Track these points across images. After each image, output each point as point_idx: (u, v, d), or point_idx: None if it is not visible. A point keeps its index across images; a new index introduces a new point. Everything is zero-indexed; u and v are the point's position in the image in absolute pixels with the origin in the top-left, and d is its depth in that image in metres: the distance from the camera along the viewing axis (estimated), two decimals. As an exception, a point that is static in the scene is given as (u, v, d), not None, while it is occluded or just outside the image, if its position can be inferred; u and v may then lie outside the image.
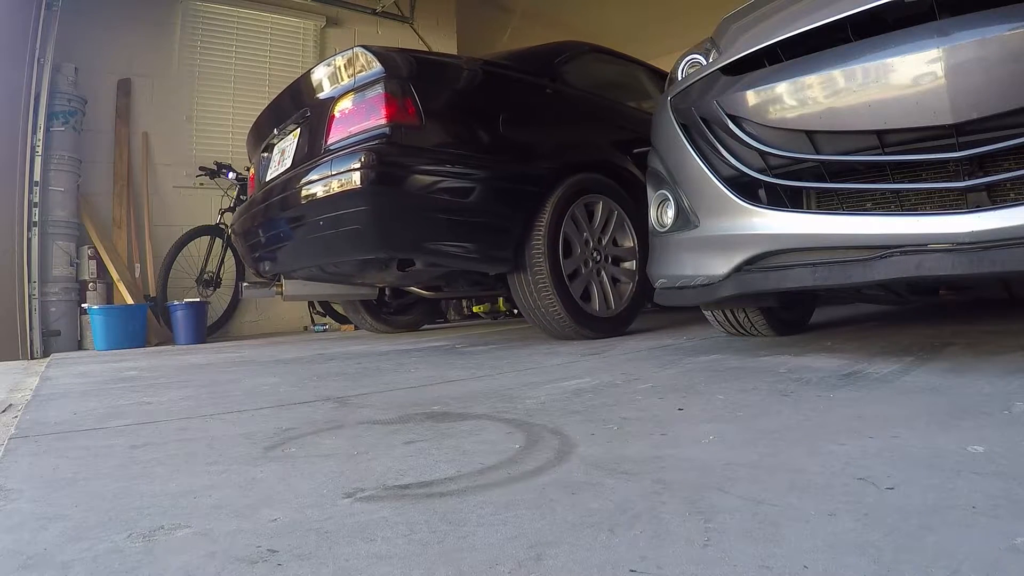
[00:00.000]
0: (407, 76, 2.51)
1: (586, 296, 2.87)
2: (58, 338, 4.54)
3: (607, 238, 2.99)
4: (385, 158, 2.37)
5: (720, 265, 1.80)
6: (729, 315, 2.42)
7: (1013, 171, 1.39)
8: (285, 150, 2.98)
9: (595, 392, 1.55)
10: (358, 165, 2.36)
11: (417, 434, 1.21)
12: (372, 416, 1.40)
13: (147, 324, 4.71)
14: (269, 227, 2.89)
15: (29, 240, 4.41)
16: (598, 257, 2.95)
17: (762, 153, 1.70)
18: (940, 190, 1.50)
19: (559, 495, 0.82)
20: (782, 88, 1.63)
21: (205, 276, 5.03)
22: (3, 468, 1.12)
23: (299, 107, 2.91)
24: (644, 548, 0.65)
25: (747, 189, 1.77)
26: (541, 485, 0.87)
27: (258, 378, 2.21)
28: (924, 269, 1.43)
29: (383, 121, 2.42)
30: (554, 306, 2.72)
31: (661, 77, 3.94)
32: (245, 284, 3.92)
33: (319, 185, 2.50)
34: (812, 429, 1.09)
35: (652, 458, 0.97)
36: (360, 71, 2.56)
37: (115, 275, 4.80)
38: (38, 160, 4.45)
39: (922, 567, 0.58)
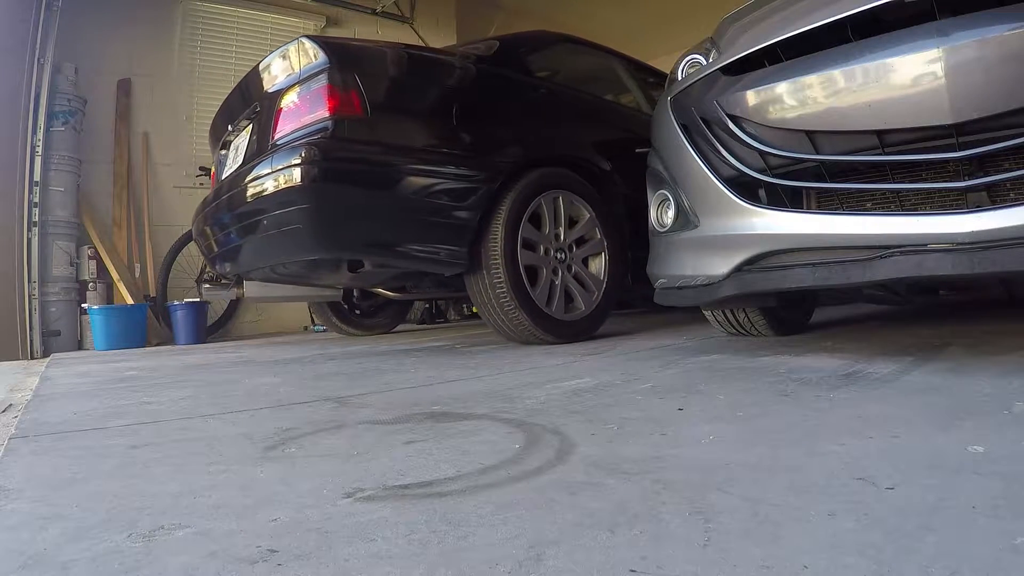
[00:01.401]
0: (352, 66, 2.39)
1: (552, 298, 2.73)
2: (58, 338, 4.54)
3: (573, 237, 2.83)
4: (327, 153, 2.25)
5: (720, 265, 1.80)
6: (729, 315, 2.42)
7: (1013, 171, 1.39)
8: (239, 147, 2.88)
9: (595, 392, 1.55)
10: (298, 161, 2.24)
11: (417, 434, 1.21)
12: (372, 416, 1.40)
13: (147, 324, 4.71)
14: (221, 227, 2.77)
15: (29, 240, 4.41)
16: (563, 257, 2.79)
17: (762, 153, 1.70)
18: (940, 190, 1.50)
19: (559, 495, 0.82)
20: (782, 88, 1.63)
21: (205, 276, 5.03)
22: (3, 468, 1.12)
23: (250, 102, 2.80)
24: (644, 548, 0.65)
25: (747, 189, 1.77)
26: (541, 485, 0.87)
27: (258, 378, 2.21)
28: (924, 269, 1.43)
29: (326, 114, 2.31)
30: (512, 310, 2.58)
31: (641, 70, 3.84)
32: (206, 286, 3.80)
33: (262, 182, 2.39)
34: (812, 429, 1.09)
35: (652, 458, 0.97)
36: (305, 62, 2.44)
37: (115, 275, 4.80)
38: (38, 160, 4.45)
39: (922, 567, 0.58)
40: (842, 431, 1.06)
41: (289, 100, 2.49)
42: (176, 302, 4.68)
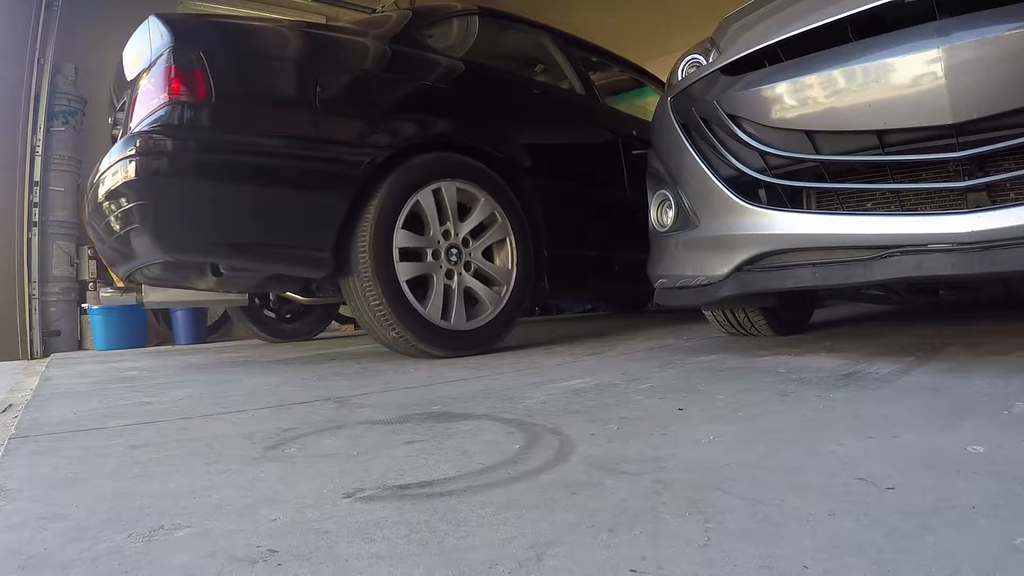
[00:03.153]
0: (199, 45, 2.13)
1: (444, 303, 2.41)
2: (58, 338, 4.54)
3: (469, 231, 2.50)
4: (161, 144, 2.03)
5: (720, 265, 1.80)
6: (729, 315, 2.42)
7: (1013, 171, 1.40)
8: (116, 138, 2.64)
9: (595, 392, 1.55)
10: (132, 153, 2.03)
11: (417, 434, 1.21)
12: (372, 416, 1.40)
13: (147, 324, 4.71)
14: (92, 227, 2.55)
15: (29, 240, 4.42)
16: (456, 256, 2.44)
17: (762, 153, 1.70)
18: (940, 190, 1.50)
19: (559, 495, 0.82)
20: (782, 88, 1.63)
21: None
22: (3, 468, 1.12)
23: (123, 89, 2.56)
24: (644, 548, 0.65)
25: (747, 189, 1.77)
26: (541, 485, 0.87)
27: (258, 378, 2.21)
28: (924, 269, 1.44)
29: (166, 99, 2.08)
30: (386, 318, 2.26)
31: (583, 48, 3.54)
32: (106, 291, 3.59)
33: (109, 177, 2.18)
34: (812, 429, 1.09)
35: (652, 458, 0.97)
36: (155, 43, 2.21)
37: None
38: (38, 160, 4.45)
39: (922, 567, 0.58)
40: (842, 431, 1.06)
41: (143, 85, 2.26)
42: (176, 302, 4.68)
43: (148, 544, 0.73)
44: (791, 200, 1.74)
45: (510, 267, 2.57)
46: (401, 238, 2.32)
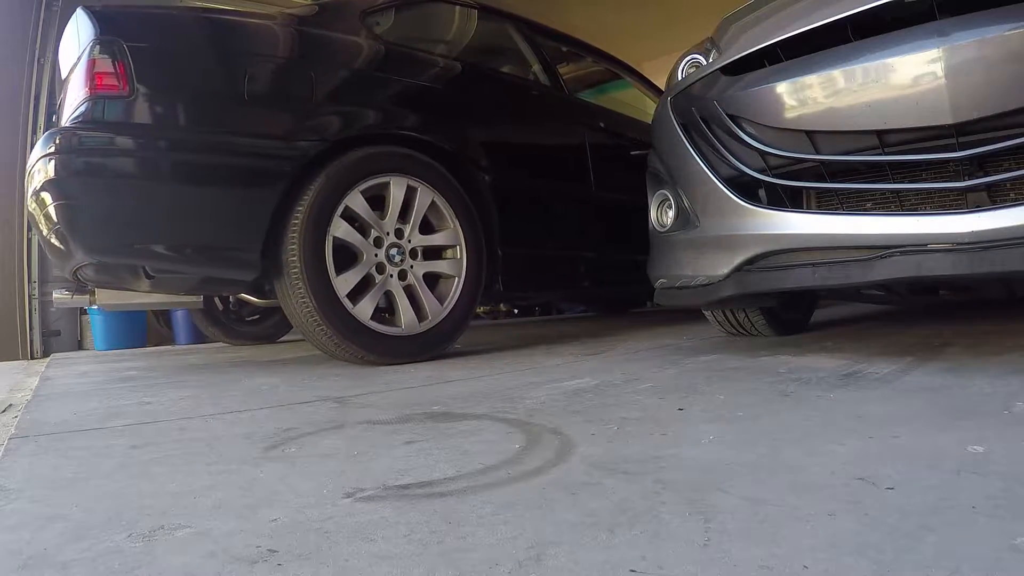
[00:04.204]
0: (123, 37, 2.03)
1: (384, 308, 2.31)
2: (58, 338, 4.55)
3: (417, 231, 2.38)
4: (80, 141, 1.97)
5: (720, 265, 1.80)
6: (729, 315, 2.42)
7: (1013, 171, 1.40)
8: None
9: (595, 392, 1.55)
10: (52, 151, 1.97)
11: (417, 434, 1.21)
12: (372, 416, 1.40)
13: (147, 324, 4.71)
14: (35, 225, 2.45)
15: (29, 240, 4.41)
16: (398, 257, 2.33)
17: (762, 153, 1.70)
18: (940, 190, 1.50)
19: (559, 495, 0.82)
20: (782, 88, 1.63)
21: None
22: (3, 468, 1.12)
23: (62, 86, 2.48)
24: (644, 548, 0.65)
25: (747, 189, 1.77)
26: (541, 485, 0.87)
27: (258, 378, 2.21)
28: (924, 269, 1.44)
29: (87, 94, 2.00)
30: (318, 323, 2.16)
31: (550, 37, 3.43)
32: (59, 293, 3.41)
33: (34, 176, 2.12)
34: (812, 429, 1.09)
35: (652, 458, 0.97)
36: (83, 36, 2.11)
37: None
38: (38, 160, 4.44)
39: (922, 567, 0.58)
40: (842, 431, 1.06)
41: (71, 80, 2.19)
42: (176, 302, 4.67)
43: (148, 544, 0.73)
44: (791, 200, 1.74)
45: (459, 269, 2.44)
46: (335, 238, 2.21)
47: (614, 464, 0.95)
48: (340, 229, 2.22)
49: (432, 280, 2.41)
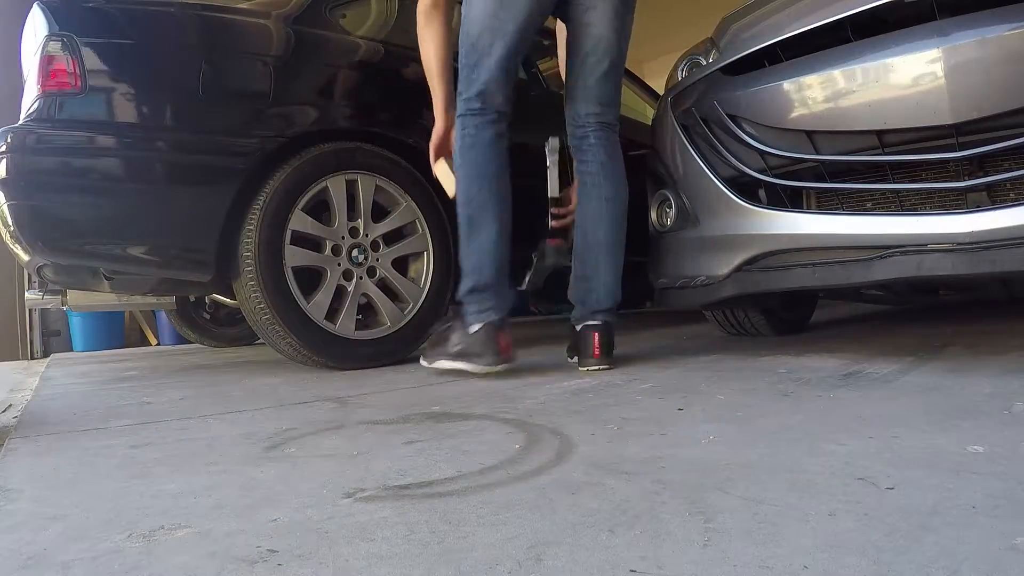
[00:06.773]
0: (77, 32, 2.00)
1: (340, 310, 2.22)
2: (58, 338, 4.55)
3: (381, 231, 2.31)
4: (30, 140, 1.94)
5: (721, 265, 1.80)
6: (729, 315, 2.42)
7: (1013, 171, 1.40)
8: None
9: (595, 392, 1.55)
10: (3, 149, 1.92)
11: (417, 434, 1.21)
12: (372, 416, 1.40)
13: (144, 325, 4.72)
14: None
15: (29, 240, 4.41)
16: (361, 257, 2.26)
17: (762, 153, 1.70)
18: (940, 190, 1.50)
19: (559, 495, 0.82)
20: (782, 88, 1.63)
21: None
22: (3, 468, 1.12)
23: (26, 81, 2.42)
24: (644, 548, 0.65)
25: (747, 189, 1.78)
26: (541, 485, 0.87)
27: (258, 378, 2.21)
28: (924, 269, 1.44)
29: (39, 91, 1.98)
30: (273, 324, 2.11)
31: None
32: (31, 293, 3.37)
33: None
34: (812, 429, 1.09)
35: (652, 458, 0.97)
36: (40, 31, 2.08)
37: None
38: (38, 160, 4.45)
39: (922, 567, 0.58)
40: (842, 431, 1.06)
41: (29, 77, 2.17)
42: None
43: (148, 544, 0.73)
44: (791, 200, 1.74)
45: (421, 286, 2.36)
46: (293, 236, 2.15)
47: (614, 464, 0.95)
48: (301, 220, 2.17)
49: (388, 285, 2.33)
